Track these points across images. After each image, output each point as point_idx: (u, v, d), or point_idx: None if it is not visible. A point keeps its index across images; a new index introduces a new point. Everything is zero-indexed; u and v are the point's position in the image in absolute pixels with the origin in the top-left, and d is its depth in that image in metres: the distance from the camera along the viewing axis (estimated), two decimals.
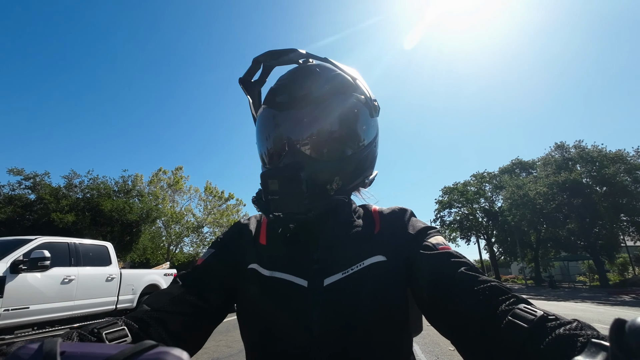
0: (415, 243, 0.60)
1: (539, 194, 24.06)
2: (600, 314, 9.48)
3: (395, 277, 0.58)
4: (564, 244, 26.39)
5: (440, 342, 5.45)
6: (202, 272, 0.63)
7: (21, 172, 15.69)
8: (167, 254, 24.63)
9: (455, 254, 0.55)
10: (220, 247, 0.68)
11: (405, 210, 0.69)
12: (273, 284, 0.58)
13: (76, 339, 0.42)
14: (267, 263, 0.62)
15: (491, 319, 0.43)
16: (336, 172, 0.62)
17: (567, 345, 0.34)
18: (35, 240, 5.45)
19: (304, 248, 0.62)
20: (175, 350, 0.23)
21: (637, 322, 0.23)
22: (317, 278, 0.57)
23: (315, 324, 0.53)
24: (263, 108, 0.67)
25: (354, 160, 0.64)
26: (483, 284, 0.48)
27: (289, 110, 0.62)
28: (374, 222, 0.67)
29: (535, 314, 0.40)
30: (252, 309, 0.60)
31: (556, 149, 27.39)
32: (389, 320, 0.56)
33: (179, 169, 26.96)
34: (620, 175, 21.81)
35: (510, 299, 0.45)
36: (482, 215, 35.05)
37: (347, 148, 0.63)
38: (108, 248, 6.92)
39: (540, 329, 0.38)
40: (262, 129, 0.66)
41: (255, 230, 0.70)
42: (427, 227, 0.64)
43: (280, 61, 0.69)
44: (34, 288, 5.05)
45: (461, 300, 0.48)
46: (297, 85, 0.64)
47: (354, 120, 0.64)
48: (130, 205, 17.00)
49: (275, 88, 0.67)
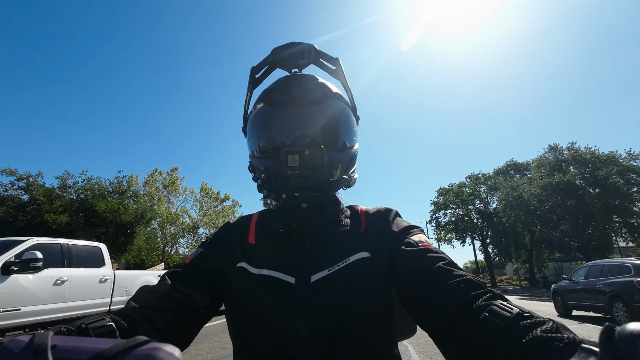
0: (398, 240, 0.62)
1: (533, 196, 24.26)
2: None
3: (380, 273, 0.60)
4: (557, 245, 26.59)
5: (433, 343, 5.47)
6: (190, 271, 0.64)
7: (14, 173, 15.51)
8: (162, 255, 24.46)
9: (435, 250, 0.57)
10: (209, 247, 0.69)
11: (390, 210, 0.71)
12: (261, 281, 0.60)
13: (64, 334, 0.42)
14: (255, 261, 0.63)
15: (466, 313, 0.44)
16: (340, 160, 0.68)
17: (547, 346, 0.34)
18: (28, 241, 5.41)
19: (291, 246, 0.64)
20: (167, 346, 0.23)
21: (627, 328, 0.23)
22: (304, 275, 0.59)
23: (302, 320, 0.55)
24: (261, 106, 0.71)
25: (348, 155, 0.70)
26: (458, 277, 0.49)
27: (287, 108, 0.67)
28: (360, 221, 0.70)
29: (512, 312, 0.40)
30: (240, 306, 0.61)
31: (550, 150, 27.61)
32: (374, 314, 0.58)
33: (174, 169, 26.82)
34: (613, 177, 22.04)
35: (487, 293, 0.45)
36: (477, 216, 35.23)
37: (346, 141, 0.71)
38: (102, 249, 6.88)
39: (516, 327, 0.38)
40: (260, 124, 0.70)
41: (244, 230, 0.72)
42: (410, 226, 0.66)
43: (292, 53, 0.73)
44: (25, 289, 5.00)
45: (436, 293, 0.49)
46: (294, 86, 0.70)
47: (347, 120, 0.72)
48: (125, 206, 16.88)
49: (272, 88, 0.72)
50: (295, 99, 0.68)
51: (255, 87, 0.77)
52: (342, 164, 0.69)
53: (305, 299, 0.56)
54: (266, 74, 0.78)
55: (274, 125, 0.68)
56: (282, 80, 0.74)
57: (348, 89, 0.75)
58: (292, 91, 0.69)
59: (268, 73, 0.78)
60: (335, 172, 0.67)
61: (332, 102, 0.69)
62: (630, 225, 22.47)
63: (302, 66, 0.78)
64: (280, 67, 0.78)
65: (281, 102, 0.68)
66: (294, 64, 0.77)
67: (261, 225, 0.71)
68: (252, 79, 0.75)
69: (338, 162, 0.67)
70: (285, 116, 0.67)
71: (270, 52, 0.74)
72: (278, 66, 0.77)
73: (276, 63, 0.76)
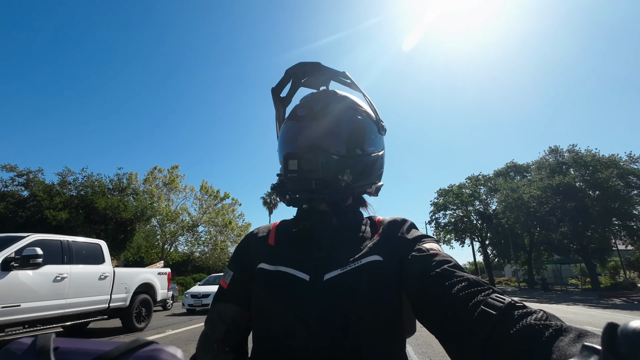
0: (410, 248, 0.64)
1: (532, 197, 24.27)
2: (591, 317, 9.60)
3: (390, 277, 0.62)
4: (556, 247, 26.61)
5: (432, 343, 5.48)
6: (234, 299, 0.72)
7: (14, 169, 15.51)
8: (161, 253, 24.46)
9: (442, 255, 0.59)
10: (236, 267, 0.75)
11: (406, 220, 0.75)
12: (277, 277, 0.64)
13: None
14: (273, 260, 0.68)
15: (465, 308, 0.46)
16: (347, 165, 0.70)
17: (536, 334, 0.36)
18: (28, 238, 5.40)
19: (308, 246, 0.68)
20: (169, 347, 0.23)
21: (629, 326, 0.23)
22: (318, 273, 0.62)
23: (313, 316, 0.58)
24: (285, 121, 0.77)
25: (362, 161, 0.73)
26: (459, 277, 0.51)
27: (304, 121, 0.72)
28: (376, 228, 0.73)
29: (504, 302, 0.43)
30: (259, 303, 0.65)
31: (550, 152, 27.63)
32: (383, 316, 0.60)
33: (174, 167, 26.84)
34: (613, 180, 22.07)
35: (485, 290, 0.48)
36: (477, 217, 35.25)
37: (356, 148, 0.73)
38: (102, 246, 6.88)
39: (507, 316, 0.40)
40: (284, 138, 0.76)
41: (265, 234, 0.77)
42: (424, 235, 0.69)
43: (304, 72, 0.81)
44: (25, 286, 5.00)
45: (438, 294, 0.51)
46: (315, 102, 0.75)
47: (362, 127, 0.75)
48: (125, 204, 16.88)
49: (297, 105, 0.78)
50: (311, 111, 0.73)
51: (286, 105, 0.85)
52: (352, 169, 0.71)
53: (318, 295, 0.60)
54: (292, 92, 0.85)
55: (290, 136, 0.74)
56: (307, 96, 0.80)
57: (368, 99, 0.80)
58: (311, 105, 0.74)
59: (294, 91, 0.85)
60: (341, 176, 0.69)
61: (344, 111, 0.74)
62: (630, 228, 22.49)
63: (323, 84, 0.84)
64: (304, 86, 0.85)
65: (300, 115, 0.73)
66: (316, 82, 0.84)
67: (281, 229, 0.77)
68: (275, 99, 0.83)
69: (346, 167, 0.70)
70: (299, 127, 0.73)
71: (284, 72, 0.80)
72: (301, 85, 0.84)
73: (295, 82, 0.83)
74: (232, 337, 0.70)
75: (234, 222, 30.54)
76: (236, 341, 0.72)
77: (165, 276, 8.63)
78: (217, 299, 0.74)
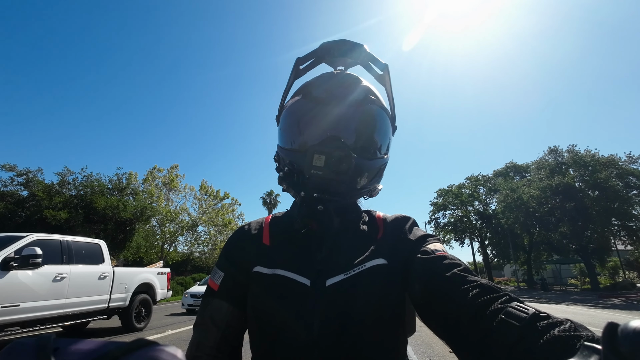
0: (414, 249, 0.61)
1: (532, 198, 24.27)
2: (590, 317, 9.60)
3: (394, 280, 0.60)
4: (556, 247, 26.62)
5: (432, 344, 5.48)
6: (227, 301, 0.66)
7: (14, 168, 15.45)
8: (161, 253, 24.42)
9: (450, 257, 0.56)
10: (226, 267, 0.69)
11: (408, 218, 0.71)
12: (275, 281, 0.60)
13: None
14: (269, 262, 0.63)
15: (482, 316, 0.43)
16: (366, 168, 0.65)
17: (565, 347, 0.33)
18: (27, 237, 5.39)
19: (308, 248, 0.64)
20: (170, 347, 0.23)
21: (629, 326, 0.23)
22: (319, 278, 0.59)
23: (315, 322, 0.55)
24: (298, 98, 0.69)
25: (378, 164, 0.68)
26: (473, 282, 0.49)
27: (325, 105, 0.64)
28: (377, 227, 0.69)
29: (527, 312, 0.40)
30: (256, 310, 0.62)
31: (550, 153, 27.62)
32: (387, 321, 0.58)
33: (174, 167, 26.78)
34: (612, 180, 22.06)
35: (503, 297, 0.45)
36: (476, 217, 35.26)
37: (377, 150, 0.68)
38: (101, 246, 6.87)
39: (532, 328, 0.38)
40: (294, 117, 0.69)
41: (257, 232, 0.71)
42: (427, 234, 0.66)
43: (342, 51, 0.71)
44: (24, 285, 4.99)
45: (452, 299, 0.49)
46: (336, 85, 0.67)
47: (387, 129, 0.70)
48: (125, 203, 16.84)
49: (313, 82, 0.70)
50: (335, 98, 0.64)
51: (298, 77, 0.74)
52: (369, 172, 0.66)
53: (320, 302, 0.56)
54: (311, 67, 0.75)
55: (308, 120, 0.66)
56: (325, 75, 0.71)
57: (391, 98, 0.72)
58: (333, 89, 0.66)
59: (313, 66, 0.75)
60: (359, 179, 0.65)
61: (372, 108, 0.66)
62: (629, 228, 22.50)
63: (349, 65, 0.74)
64: (326, 63, 0.74)
65: (320, 98, 0.66)
66: (342, 62, 0.73)
67: (275, 226, 0.71)
68: (295, 69, 0.72)
69: (365, 170, 0.65)
70: (321, 113, 0.64)
71: (319, 45, 0.71)
72: (324, 61, 0.74)
73: (323, 58, 0.73)
74: (226, 342, 0.65)
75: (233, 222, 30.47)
76: (231, 347, 0.66)
77: (164, 276, 8.62)
78: (206, 302, 0.67)
